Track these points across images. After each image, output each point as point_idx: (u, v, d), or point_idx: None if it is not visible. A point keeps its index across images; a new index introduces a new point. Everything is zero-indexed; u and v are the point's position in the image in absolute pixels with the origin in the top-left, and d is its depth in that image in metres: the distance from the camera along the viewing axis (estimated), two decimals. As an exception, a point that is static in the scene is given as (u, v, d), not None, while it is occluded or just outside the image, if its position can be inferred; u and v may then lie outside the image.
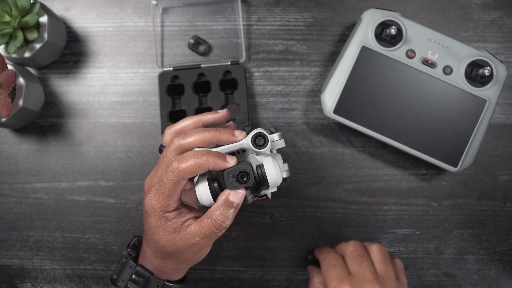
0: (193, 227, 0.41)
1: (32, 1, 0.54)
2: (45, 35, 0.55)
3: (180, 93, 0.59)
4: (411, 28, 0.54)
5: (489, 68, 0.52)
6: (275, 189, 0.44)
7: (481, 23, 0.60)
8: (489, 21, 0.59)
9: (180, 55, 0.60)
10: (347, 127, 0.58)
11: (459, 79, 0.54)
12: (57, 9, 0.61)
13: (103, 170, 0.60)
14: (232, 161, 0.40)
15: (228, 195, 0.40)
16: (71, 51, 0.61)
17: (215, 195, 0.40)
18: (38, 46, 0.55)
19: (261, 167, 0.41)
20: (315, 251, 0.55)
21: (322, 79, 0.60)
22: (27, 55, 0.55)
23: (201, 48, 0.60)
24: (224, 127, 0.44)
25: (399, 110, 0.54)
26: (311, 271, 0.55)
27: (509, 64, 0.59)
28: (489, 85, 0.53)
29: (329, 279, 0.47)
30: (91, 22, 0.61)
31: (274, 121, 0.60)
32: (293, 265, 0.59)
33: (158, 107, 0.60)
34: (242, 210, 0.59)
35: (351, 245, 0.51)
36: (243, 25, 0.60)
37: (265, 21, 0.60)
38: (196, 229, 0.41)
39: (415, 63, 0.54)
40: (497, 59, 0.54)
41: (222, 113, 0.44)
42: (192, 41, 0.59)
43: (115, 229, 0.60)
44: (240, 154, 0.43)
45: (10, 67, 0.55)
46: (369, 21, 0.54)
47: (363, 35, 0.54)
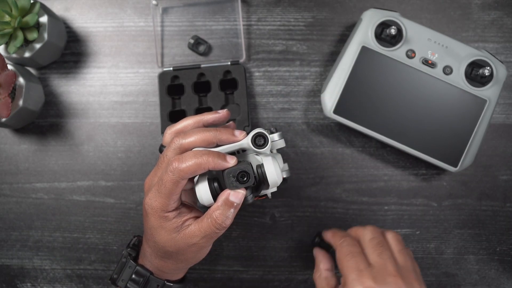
0: (193, 227, 0.41)
1: (32, 1, 0.54)
2: (45, 35, 0.55)
3: (180, 93, 0.59)
4: (411, 28, 0.54)
5: (489, 68, 0.52)
6: (275, 189, 0.44)
7: (481, 23, 0.60)
8: (489, 21, 0.59)
9: (180, 55, 0.60)
10: (347, 127, 0.58)
11: (459, 79, 0.54)
12: (57, 9, 0.61)
13: (103, 170, 0.60)
14: (232, 161, 0.40)
15: (228, 195, 0.40)
16: (71, 51, 0.61)
17: (215, 195, 0.40)
18: (38, 46, 0.55)
19: (261, 167, 0.41)
20: (327, 234, 0.50)
21: (322, 79, 0.60)
22: (27, 55, 0.55)
23: (201, 48, 0.60)
24: (224, 127, 0.44)
25: (399, 110, 0.54)
26: (318, 255, 0.50)
27: (509, 64, 0.59)
28: (489, 85, 0.53)
29: (348, 270, 0.43)
30: (91, 22, 0.61)
31: (274, 121, 0.60)
32: (293, 265, 0.59)
33: (158, 107, 0.60)
34: (242, 210, 0.59)
35: (370, 231, 0.46)
36: (243, 25, 0.60)
37: (265, 21, 0.60)
38: (196, 229, 0.41)
39: (415, 63, 0.54)
40: (497, 59, 0.54)
41: (222, 113, 0.44)
42: (192, 41, 0.59)
43: (115, 229, 0.60)
44: (240, 154, 0.43)
45: (10, 67, 0.55)
46: (369, 21, 0.54)
47: (363, 35, 0.54)
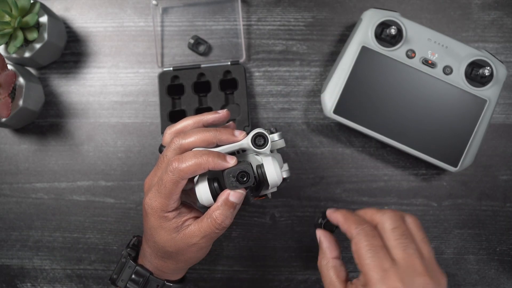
0: (193, 227, 0.41)
1: (32, 1, 0.54)
2: (45, 35, 0.55)
3: (180, 93, 0.59)
4: (411, 28, 0.54)
5: (489, 68, 0.52)
6: (275, 189, 0.44)
7: (481, 23, 0.59)
8: (489, 21, 0.59)
9: (180, 55, 0.60)
10: (347, 127, 0.58)
11: (459, 79, 0.54)
12: (57, 9, 0.61)
13: (103, 170, 0.60)
14: (232, 161, 0.40)
15: (228, 195, 0.40)
16: (71, 51, 0.61)
17: (215, 195, 0.40)
18: (38, 46, 0.55)
19: (261, 167, 0.41)
20: (336, 215, 0.42)
21: (322, 79, 0.60)
22: (27, 55, 0.55)
23: (201, 48, 0.60)
24: (224, 127, 0.44)
25: (399, 110, 0.54)
26: (324, 239, 0.43)
27: (509, 64, 0.59)
28: (489, 85, 0.53)
29: (370, 268, 0.37)
30: (91, 22, 0.61)
31: (274, 121, 0.60)
32: (293, 265, 0.59)
33: (158, 107, 0.60)
34: (242, 210, 0.59)
35: (390, 218, 0.40)
36: (243, 25, 0.60)
37: (265, 21, 0.60)
38: (196, 229, 0.41)
39: (415, 63, 0.54)
40: (497, 59, 0.54)
41: (222, 113, 0.44)
42: (192, 41, 0.59)
43: (115, 229, 0.60)
44: (240, 154, 0.43)
45: (10, 67, 0.55)
46: (369, 21, 0.54)
47: (363, 35, 0.54)
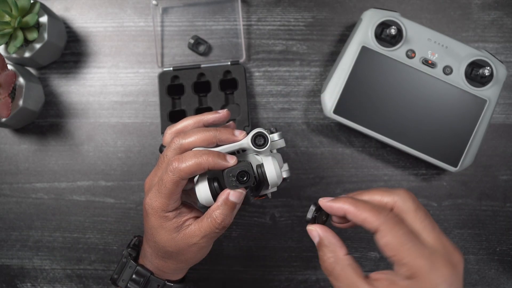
0: (193, 226, 0.41)
1: (32, 1, 0.54)
2: (45, 35, 0.55)
3: (180, 93, 0.59)
4: (411, 28, 0.54)
5: (489, 68, 0.52)
6: (275, 189, 0.44)
7: (481, 23, 0.60)
8: (489, 21, 0.59)
9: (180, 55, 0.60)
10: (347, 127, 0.58)
11: (459, 79, 0.54)
12: (57, 9, 0.61)
13: (103, 170, 0.60)
14: (232, 161, 0.40)
15: (228, 194, 0.40)
16: (71, 51, 0.61)
17: (215, 194, 0.40)
18: (38, 46, 0.55)
19: (261, 166, 0.41)
20: (342, 205, 0.36)
21: (322, 79, 0.60)
22: (27, 55, 0.55)
23: (201, 48, 0.60)
24: (224, 127, 0.44)
25: (399, 110, 0.54)
26: (328, 237, 0.37)
27: (509, 64, 0.59)
28: (489, 85, 0.53)
29: (414, 257, 0.33)
30: (91, 22, 0.61)
31: (274, 121, 0.60)
32: (293, 265, 0.59)
33: (158, 107, 0.60)
34: (242, 210, 0.59)
35: (410, 199, 0.36)
36: (243, 25, 0.60)
37: (265, 21, 0.60)
38: (196, 229, 0.41)
39: (415, 63, 0.54)
40: (497, 59, 0.54)
41: (222, 113, 0.44)
42: (192, 41, 0.59)
43: (115, 229, 0.60)
44: (240, 154, 0.43)
45: (10, 67, 0.55)
46: (369, 21, 0.54)
47: (363, 35, 0.54)
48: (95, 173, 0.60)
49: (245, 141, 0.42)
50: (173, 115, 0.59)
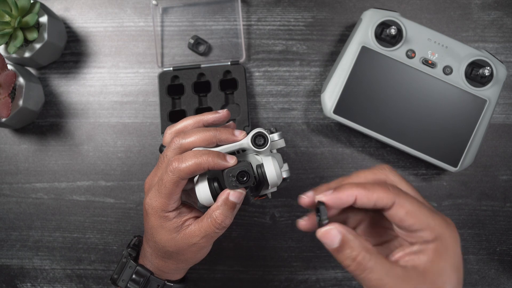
0: (193, 226, 0.41)
1: (32, 1, 0.54)
2: (45, 35, 0.55)
3: (180, 93, 0.59)
4: (411, 28, 0.54)
5: (489, 68, 0.52)
6: (275, 189, 0.44)
7: (481, 23, 0.60)
8: (489, 21, 0.59)
9: (180, 55, 0.60)
10: (347, 127, 0.58)
11: (459, 79, 0.54)
12: (57, 9, 0.61)
13: (103, 170, 0.60)
14: (232, 161, 0.40)
15: (228, 194, 0.40)
16: (71, 51, 0.61)
17: (215, 194, 0.40)
18: (38, 46, 0.55)
19: (261, 166, 0.41)
20: (349, 191, 0.34)
21: (322, 79, 0.60)
22: (27, 55, 0.55)
23: (201, 48, 0.60)
24: (224, 127, 0.44)
25: (399, 110, 0.54)
26: (350, 232, 0.33)
27: (509, 64, 0.59)
28: (489, 85, 0.53)
29: (436, 219, 0.33)
30: (91, 22, 0.61)
31: (274, 121, 0.60)
32: (293, 265, 0.59)
33: (158, 107, 0.60)
34: (242, 210, 0.59)
35: (394, 171, 0.37)
36: (243, 25, 0.60)
37: (265, 21, 0.60)
38: (196, 229, 0.41)
39: (415, 63, 0.54)
40: (497, 59, 0.54)
41: (222, 113, 0.44)
42: (192, 41, 0.59)
43: (115, 229, 0.60)
44: (240, 154, 0.43)
45: (10, 67, 0.55)
46: (369, 21, 0.54)
47: (363, 35, 0.54)
48: (95, 173, 0.60)
49: (245, 141, 0.42)
50: (173, 115, 0.59)
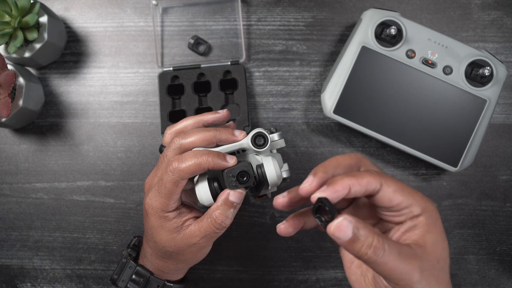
0: (193, 227, 0.41)
1: (32, 1, 0.54)
2: (45, 35, 0.55)
3: (180, 93, 0.59)
4: (411, 28, 0.54)
5: (489, 68, 0.52)
6: (275, 189, 0.44)
7: (481, 23, 0.59)
8: (489, 21, 0.59)
9: (180, 55, 0.60)
10: (347, 127, 0.58)
11: (459, 79, 0.54)
12: (57, 9, 0.61)
13: (103, 170, 0.60)
14: (232, 161, 0.40)
15: (228, 194, 0.40)
16: (71, 51, 0.61)
17: (215, 194, 0.40)
18: (38, 46, 0.55)
19: (261, 167, 0.41)
20: (342, 182, 0.34)
21: (322, 79, 0.60)
22: (27, 55, 0.55)
23: (201, 48, 0.60)
24: (224, 127, 0.44)
25: (399, 110, 0.54)
26: (358, 221, 0.31)
27: (509, 64, 0.59)
28: (489, 85, 0.53)
29: (420, 195, 0.35)
30: (91, 22, 0.61)
31: (274, 121, 0.60)
32: (293, 265, 0.59)
33: (158, 107, 0.60)
34: (242, 210, 0.59)
35: (365, 157, 0.38)
36: (243, 25, 0.60)
37: (265, 21, 0.60)
38: (196, 229, 0.41)
39: (415, 63, 0.54)
40: (497, 59, 0.54)
41: (222, 113, 0.44)
42: (192, 41, 0.59)
43: (115, 229, 0.60)
44: (240, 154, 0.43)
45: (10, 67, 0.55)
46: (369, 21, 0.54)
47: (363, 35, 0.54)
48: (95, 173, 0.60)
49: (245, 141, 0.42)
50: (173, 115, 0.59)
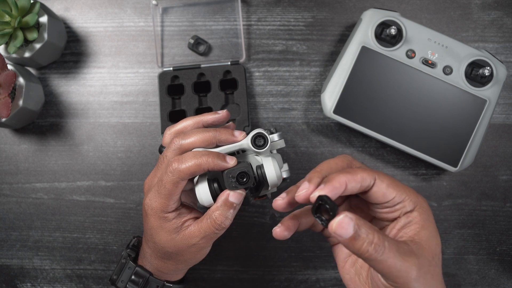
0: (193, 227, 0.41)
1: (32, 1, 0.54)
2: (45, 35, 0.55)
3: (180, 93, 0.59)
4: (411, 28, 0.54)
5: (489, 68, 0.52)
6: (275, 189, 0.44)
7: (481, 23, 0.59)
8: (489, 21, 0.59)
9: (180, 55, 0.60)
10: (347, 127, 0.58)
11: (459, 79, 0.54)
12: (57, 9, 0.61)
13: (103, 170, 0.60)
14: (231, 162, 0.40)
15: (227, 195, 0.40)
16: (71, 51, 0.61)
17: (215, 195, 0.40)
18: (38, 46, 0.55)
19: (261, 167, 0.41)
20: (338, 180, 0.34)
21: (322, 79, 0.60)
22: (27, 55, 0.55)
23: (201, 48, 0.60)
24: (224, 128, 0.44)
25: (399, 110, 0.54)
26: (359, 218, 0.32)
27: (509, 64, 0.59)
28: (489, 85, 0.53)
29: (411, 190, 0.36)
30: (91, 22, 0.61)
31: (274, 121, 0.60)
32: (293, 265, 0.59)
33: (158, 107, 0.60)
34: (242, 210, 0.59)
35: (357, 161, 0.39)
36: (243, 25, 0.60)
37: (265, 21, 0.60)
38: (195, 230, 0.41)
39: (415, 63, 0.54)
40: (497, 59, 0.54)
41: (222, 114, 0.44)
42: (192, 41, 0.59)
43: (115, 229, 0.60)
44: (240, 154, 0.43)
45: (10, 67, 0.55)
46: (369, 21, 0.54)
47: (363, 35, 0.54)
48: (95, 173, 0.60)
49: (245, 142, 0.42)
50: (173, 115, 0.59)
